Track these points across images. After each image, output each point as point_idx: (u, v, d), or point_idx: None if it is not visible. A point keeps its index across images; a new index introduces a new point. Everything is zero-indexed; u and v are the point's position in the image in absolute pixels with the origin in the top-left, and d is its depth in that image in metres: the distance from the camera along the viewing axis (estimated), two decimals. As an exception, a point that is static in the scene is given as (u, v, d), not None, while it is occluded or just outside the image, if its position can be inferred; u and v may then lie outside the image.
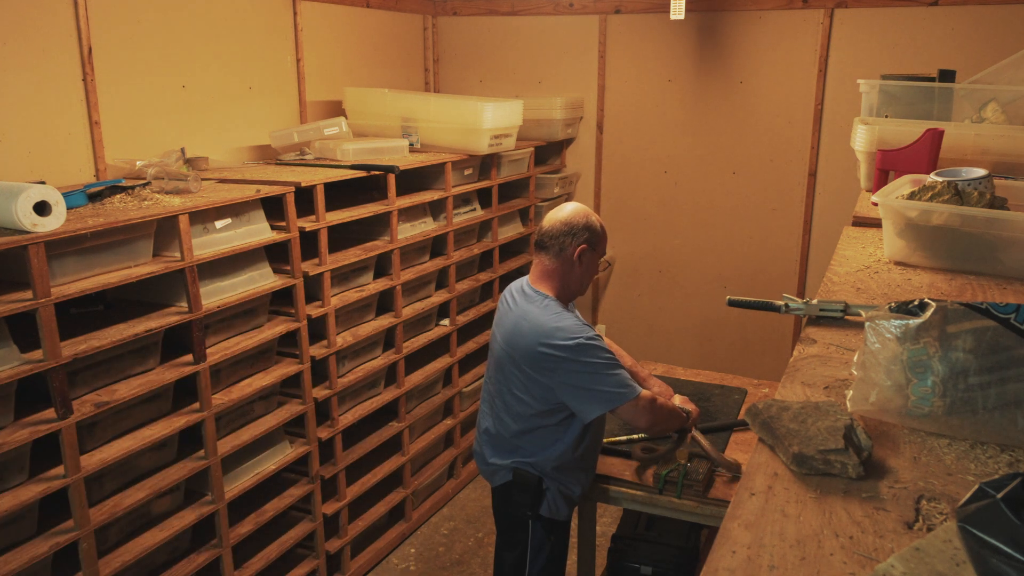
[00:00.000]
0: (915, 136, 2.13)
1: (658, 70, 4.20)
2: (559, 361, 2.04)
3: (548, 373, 2.07)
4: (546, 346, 2.04)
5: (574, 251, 2.14)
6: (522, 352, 2.10)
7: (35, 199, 1.85)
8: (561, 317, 2.09)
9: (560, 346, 2.03)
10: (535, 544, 2.26)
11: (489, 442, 2.29)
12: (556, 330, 2.05)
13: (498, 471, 2.26)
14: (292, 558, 2.93)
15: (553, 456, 2.18)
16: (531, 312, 2.12)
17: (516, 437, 2.21)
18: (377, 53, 4.14)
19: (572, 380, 2.05)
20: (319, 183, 2.71)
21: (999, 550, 0.59)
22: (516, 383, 2.15)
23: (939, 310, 0.94)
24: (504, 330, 2.18)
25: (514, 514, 2.26)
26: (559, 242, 2.15)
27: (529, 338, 2.08)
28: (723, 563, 0.74)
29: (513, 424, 2.20)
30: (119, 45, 2.75)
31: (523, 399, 2.15)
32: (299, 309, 2.71)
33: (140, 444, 2.17)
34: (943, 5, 3.56)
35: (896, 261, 1.70)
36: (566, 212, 2.18)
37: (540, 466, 2.20)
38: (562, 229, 2.15)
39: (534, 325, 2.08)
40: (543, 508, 2.23)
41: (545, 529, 2.26)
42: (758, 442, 0.98)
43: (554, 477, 2.21)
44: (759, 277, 4.21)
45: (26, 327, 1.96)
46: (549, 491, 2.22)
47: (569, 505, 2.27)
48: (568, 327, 2.05)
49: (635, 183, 4.40)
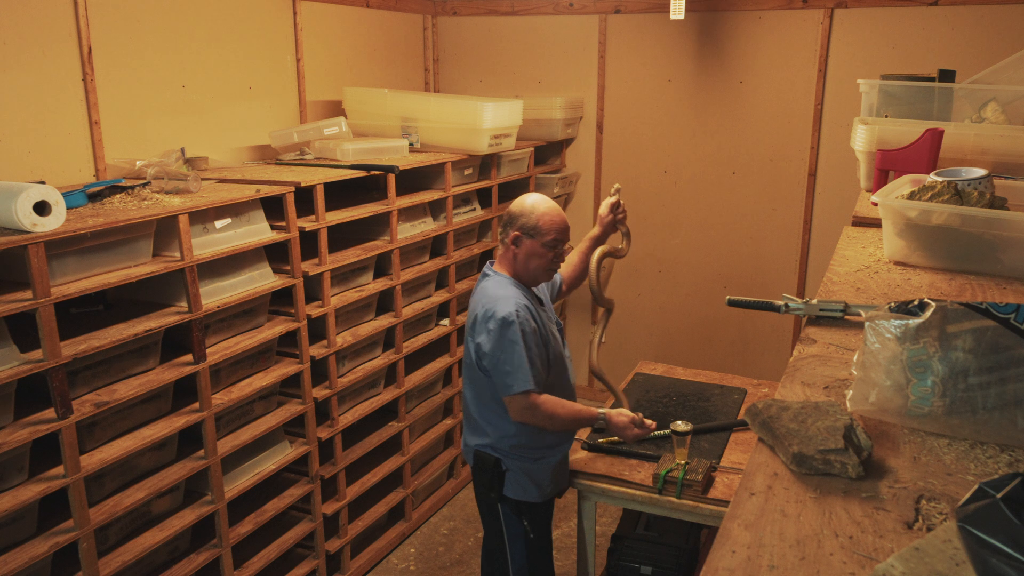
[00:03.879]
0: (915, 136, 2.13)
1: (658, 70, 4.20)
2: (484, 331, 2.16)
3: (477, 338, 2.18)
4: (480, 314, 2.19)
5: (510, 237, 2.27)
6: (470, 321, 2.24)
7: (35, 199, 1.85)
8: (503, 291, 2.21)
9: (489, 314, 2.16)
10: (510, 529, 2.29)
11: (464, 425, 2.37)
12: (493, 300, 2.18)
13: (468, 453, 2.33)
14: (292, 558, 2.93)
15: (508, 434, 2.23)
16: (482, 285, 2.28)
17: (476, 414, 2.28)
18: (377, 53, 4.14)
19: (488, 350, 2.15)
20: (319, 183, 2.71)
21: (999, 550, 0.59)
22: (469, 355, 2.25)
23: (939, 310, 0.94)
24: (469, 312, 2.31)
25: (483, 498, 2.31)
26: (504, 231, 2.31)
27: (474, 307, 2.24)
28: (723, 563, 0.74)
29: (471, 400, 2.29)
30: (119, 45, 2.75)
31: (475, 371, 2.23)
32: (299, 309, 2.71)
33: (140, 444, 2.17)
34: (943, 5, 3.56)
35: (896, 261, 1.70)
36: (516, 201, 2.33)
37: (497, 446, 2.25)
38: (505, 219, 2.31)
39: (480, 296, 2.25)
40: (507, 490, 2.25)
41: (515, 512, 2.27)
42: (758, 442, 0.98)
43: (514, 456, 2.24)
44: (759, 277, 4.21)
45: (26, 327, 1.96)
46: (511, 472, 2.24)
47: (539, 486, 2.26)
48: (507, 300, 2.17)
49: (635, 183, 4.40)
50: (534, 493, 2.26)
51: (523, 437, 2.22)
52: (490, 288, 2.24)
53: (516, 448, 2.23)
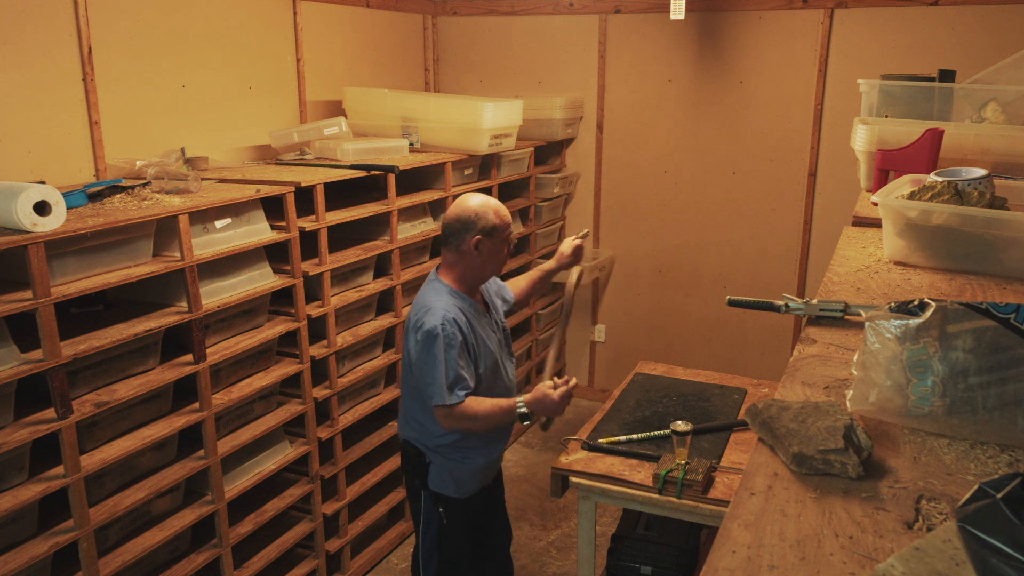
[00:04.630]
0: (915, 136, 2.13)
1: (658, 70, 4.20)
2: (413, 339, 2.19)
3: (409, 343, 2.22)
4: (413, 321, 2.21)
5: (469, 241, 2.23)
6: (407, 325, 2.25)
7: (35, 199, 1.85)
8: (436, 301, 2.20)
9: (418, 324, 2.17)
10: (425, 516, 2.34)
11: (400, 414, 2.41)
12: (424, 310, 2.19)
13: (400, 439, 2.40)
14: (292, 558, 2.93)
15: (435, 434, 2.27)
16: (422, 293, 2.28)
17: (408, 407, 2.33)
18: (377, 53, 4.14)
19: (414, 359, 2.19)
20: (319, 183, 2.71)
21: (999, 550, 0.59)
22: (405, 357, 2.27)
23: (939, 310, 0.94)
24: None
25: (409, 484, 2.39)
26: (457, 238, 2.24)
27: (411, 313, 2.25)
28: (723, 563, 0.74)
29: (405, 394, 2.34)
30: (119, 45, 2.75)
31: (407, 372, 2.27)
32: (299, 309, 2.71)
33: (140, 444, 2.17)
34: (943, 5, 3.56)
35: (896, 261, 1.69)
36: (459, 207, 2.26)
37: (423, 442, 2.30)
38: (456, 226, 2.24)
39: (417, 303, 2.25)
40: (431, 482, 2.31)
41: (433, 501, 2.33)
42: (758, 442, 0.98)
43: (438, 453, 2.29)
44: (759, 277, 4.21)
45: (26, 327, 1.96)
46: (433, 465, 2.30)
47: (457, 483, 2.30)
48: (435, 311, 2.17)
49: (635, 183, 4.40)
50: (451, 488, 2.31)
51: (448, 438, 2.27)
52: (426, 296, 2.24)
53: (440, 447, 2.29)
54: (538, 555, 3.37)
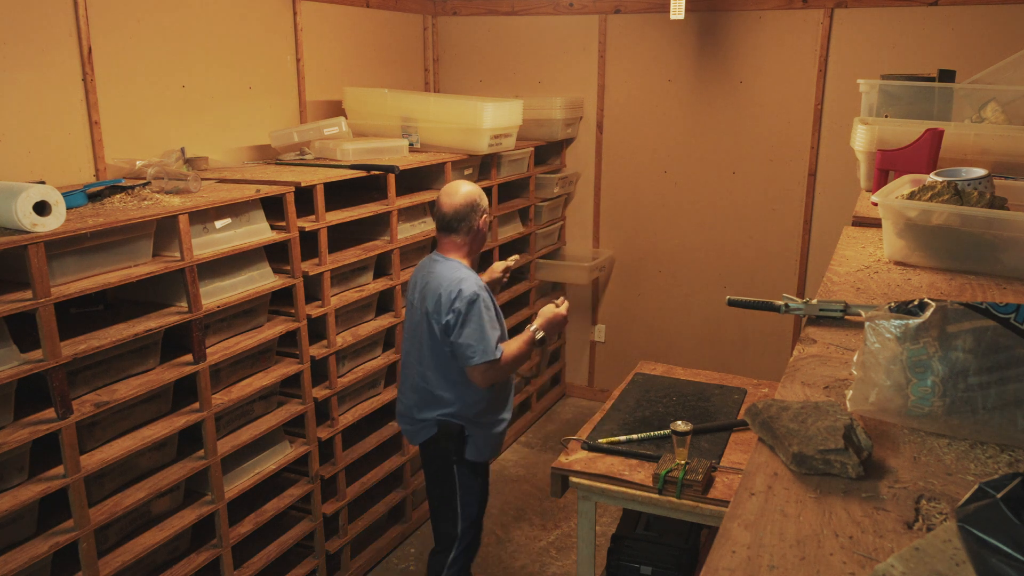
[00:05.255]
0: (915, 136, 2.13)
1: (658, 70, 4.20)
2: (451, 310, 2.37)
3: (450, 317, 2.38)
4: (449, 293, 2.39)
5: (478, 222, 2.51)
6: (433, 303, 2.42)
7: (35, 199, 1.85)
8: (463, 273, 2.44)
9: (456, 295, 2.37)
10: (464, 487, 2.56)
11: (417, 402, 2.53)
12: (456, 282, 2.40)
13: (424, 427, 2.53)
14: (292, 558, 2.93)
15: (472, 402, 2.48)
16: (441, 271, 2.46)
17: (439, 389, 2.48)
18: (377, 53, 4.14)
19: (456, 327, 2.37)
20: (319, 183, 2.71)
21: (999, 550, 0.59)
22: (431, 336, 2.45)
23: (939, 310, 0.93)
24: (419, 294, 2.51)
25: (441, 462, 2.54)
26: (467, 222, 2.49)
27: (437, 289, 2.42)
28: (723, 563, 0.74)
29: (435, 377, 2.48)
30: (119, 45, 2.75)
31: (438, 349, 2.44)
32: (299, 309, 2.71)
33: (140, 444, 2.17)
34: (943, 5, 3.56)
35: (896, 261, 1.69)
36: (462, 194, 2.49)
37: (462, 415, 2.48)
38: (464, 210, 2.48)
39: (441, 279, 2.43)
40: (468, 453, 2.52)
41: (472, 472, 2.56)
42: (758, 442, 0.98)
43: (476, 423, 2.51)
44: (759, 277, 4.21)
45: (26, 327, 1.96)
46: (472, 436, 2.51)
47: (492, 448, 2.59)
48: (468, 281, 2.41)
49: (635, 183, 4.40)
50: (486, 453, 2.57)
51: (484, 403, 2.50)
52: (448, 272, 2.43)
53: (478, 416, 2.50)
54: (538, 555, 3.37)
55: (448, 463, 2.53)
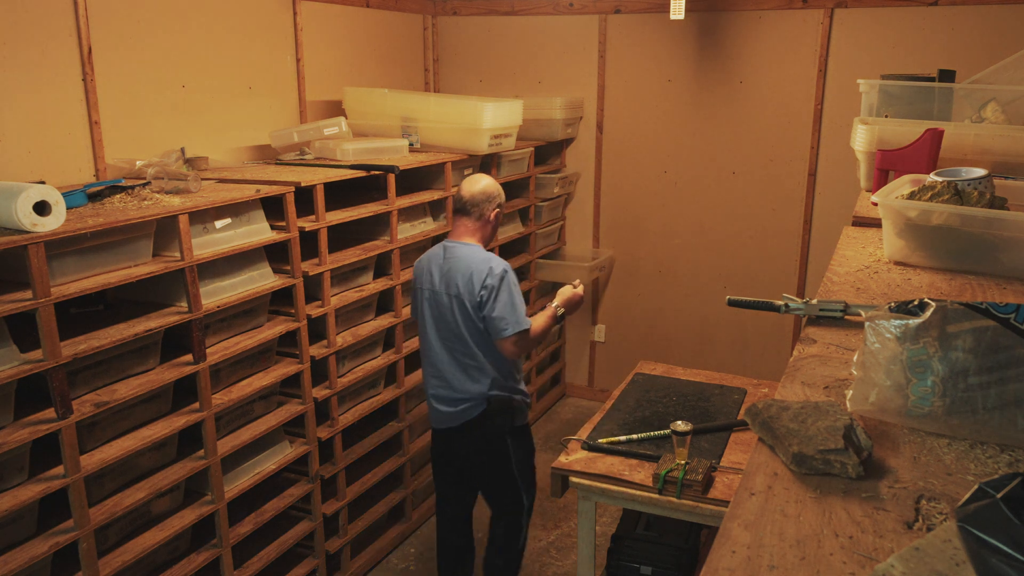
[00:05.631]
0: (915, 136, 2.12)
1: (658, 70, 4.20)
2: (484, 286, 2.51)
3: (483, 293, 2.52)
4: (480, 272, 2.52)
5: (491, 214, 2.67)
6: (464, 284, 2.54)
7: (35, 199, 1.85)
8: (489, 254, 2.62)
9: (488, 273, 2.52)
10: (519, 453, 2.69)
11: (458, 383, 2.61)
12: (486, 261, 2.56)
13: (471, 405, 2.61)
14: (292, 558, 2.93)
15: (507, 373, 2.64)
16: (465, 255, 2.58)
17: (489, 364, 2.60)
18: (377, 53, 4.14)
19: (491, 302, 2.51)
20: (319, 183, 2.71)
21: (999, 550, 0.59)
22: (465, 317, 2.55)
23: (939, 310, 0.93)
24: (442, 281, 2.59)
25: (492, 436, 2.64)
26: (479, 208, 2.65)
27: (467, 271, 2.54)
28: (723, 563, 0.74)
29: (476, 355, 2.59)
30: (119, 45, 2.75)
31: (475, 328, 2.56)
32: (299, 309, 2.71)
33: (140, 444, 2.17)
34: (943, 5, 3.56)
35: (896, 261, 1.69)
36: (483, 183, 2.67)
37: (504, 386, 2.63)
38: (481, 198, 2.65)
39: (470, 262, 2.56)
40: (516, 420, 2.67)
41: (522, 435, 2.73)
42: (758, 442, 0.98)
43: (517, 392, 2.69)
44: (759, 277, 4.21)
45: (26, 327, 1.96)
46: (517, 405, 2.68)
47: (527, 412, 2.75)
48: (496, 260, 2.58)
49: (635, 183, 4.40)
50: (526, 417, 2.73)
51: (516, 376, 2.68)
52: (472, 254, 2.58)
53: (516, 387, 2.68)
54: (538, 555, 3.37)
55: (501, 435, 2.64)
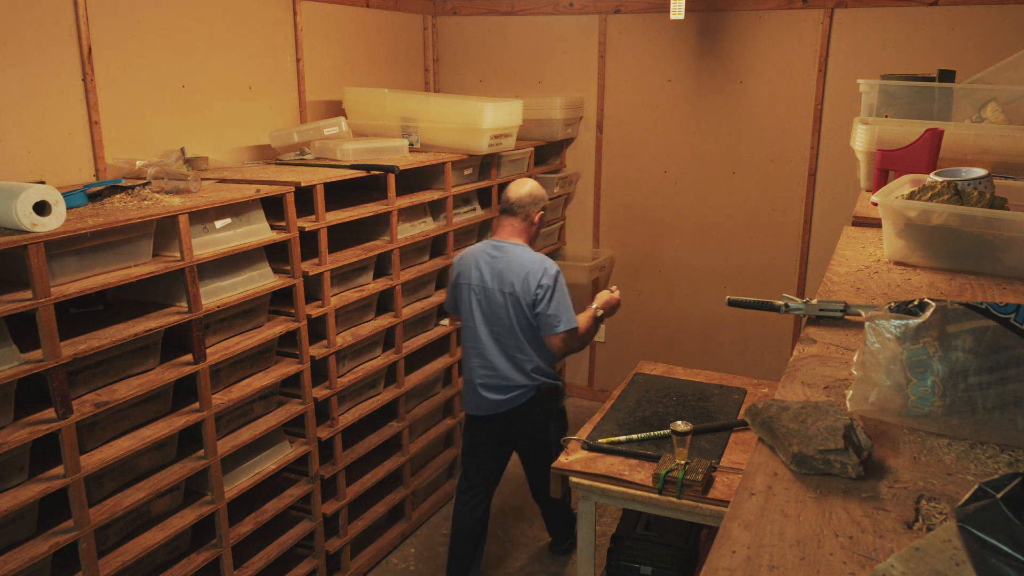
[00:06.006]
0: (915, 136, 2.12)
1: (658, 70, 4.20)
2: (539, 285, 2.73)
3: (538, 292, 2.73)
4: (535, 273, 2.74)
5: (536, 216, 2.89)
6: (520, 283, 2.75)
7: (35, 199, 1.85)
8: (541, 256, 2.82)
9: (543, 273, 2.74)
10: (557, 434, 2.90)
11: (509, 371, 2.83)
12: (540, 262, 2.78)
13: (521, 392, 2.85)
14: (292, 558, 2.93)
15: (551, 362, 2.90)
16: (518, 256, 2.80)
17: (532, 356, 2.83)
18: (377, 53, 4.14)
19: (545, 300, 2.73)
20: (319, 183, 2.71)
21: (999, 550, 0.59)
22: (519, 313, 2.78)
23: (939, 310, 0.93)
24: (492, 277, 2.80)
25: (537, 419, 2.89)
26: (525, 209, 2.87)
27: (521, 271, 2.76)
28: (723, 563, 0.74)
29: (527, 347, 2.81)
30: (119, 45, 2.75)
31: (527, 323, 2.78)
32: (299, 309, 2.71)
33: (140, 444, 2.17)
34: (943, 5, 3.56)
35: (896, 261, 1.69)
36: (529, 186, 2.89)
37: (550, 374, 2.89)
38: (527, 199, 2.86)
39: (523, 262, 2.78)
40: (559, 404, 2.96)
41: (562, 420, 3.01)
42: (758, 442, 0.98)
43: (557, 378, 2.94)
44: (759, 277, 4.21)
45: (26, 327, 1.96)
46: (560, 391, 2.96)
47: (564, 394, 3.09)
48: (548, 261, 2.80)
49: (635, 183, 4.40)
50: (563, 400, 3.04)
51: (556, 361, 2.95)
52: (525, 254, 2.81)
53: (556, 370, 2.96)
54: (538, 555, 3.37)
55: (545, 418, 2.90)
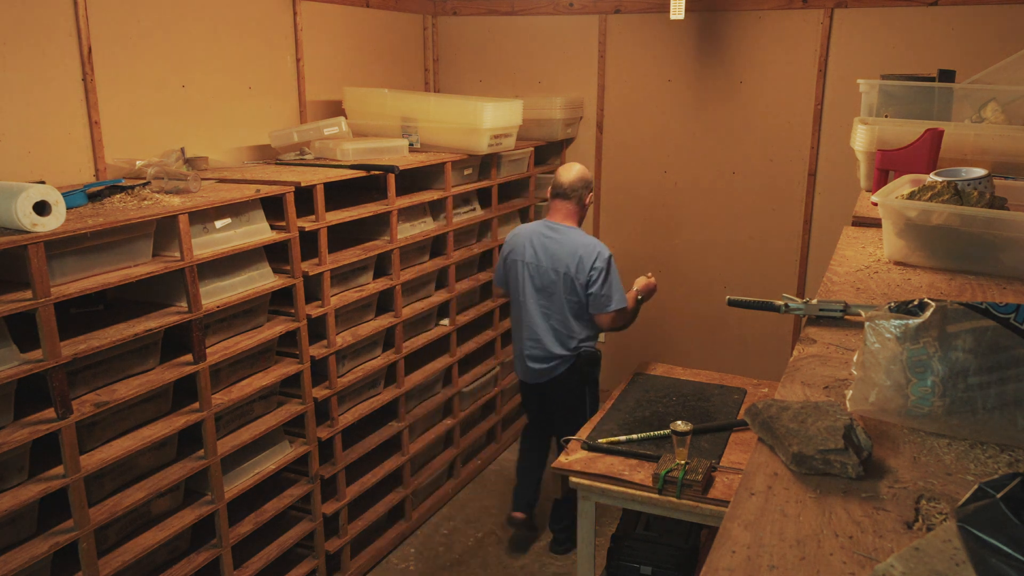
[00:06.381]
0: (915, 136, 2.12)
1: (658, 70, 4.20)
2: (593, 267, 2.98)
3: (592, 273, 2.98)
4: (590, 256, 2.99)
5: (587, 198, 3.13)
6: (574, 263, 3.00)
7: (35, 199, 1.85)
8: (594, 239, 3.08)
9: (597, 255, 3.00)
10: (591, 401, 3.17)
11: (555, 342, 3.09)
12: (594, 245, 3.03)
13: (564, 360, 3.11)
14: (292, 558, 2.93)
15: (594, 336, 3.17)
16: (572, 238, 3.05)
17: (577, 329, 3.09)
18: (377, 53, 4.14)
19: (599, 281, 2.98)
20: (319, 183, 2.71)
21: (999, 550, 0.59)
22: (570, 290, 3.03)
23: (939, 310, 0.93)
24: (546, 257, 3.06)
25: (574, 386, 3.15)
26: (578, 193, 3.09)
27: (576, 252, 3.01)
28: (723, 563, 0.74)
29: (573, 320, 3.07)
30: (119, 45, 2.75)
31: (577, 298, 3.03)
32: (299, 309, 2.71)
33: (140, 444, 2.17)
34: (943, 5, 3.56)
35: (896, 261, 1.69)
36: (577, 170, 3.11)
37: (592, 344, 3.15)
38: (579, 183, 3.09)
39: (577, 244, 3.03)
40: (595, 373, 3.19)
41: (596, 387, 3.24)
42: (758, 442, 0.98)
43: (596, 350, 3.17)
44: (759, 277, 4.21)
45: (26, 327, 1.96)
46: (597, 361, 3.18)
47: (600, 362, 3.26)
48: (601, 244, 3.05)
49: (635, 183, 4.40)
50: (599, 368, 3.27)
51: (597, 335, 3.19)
52: (579, 237, 3.05)
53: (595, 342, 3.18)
54: (538, 555, 3.37)
55: (582, 386, 3.15)
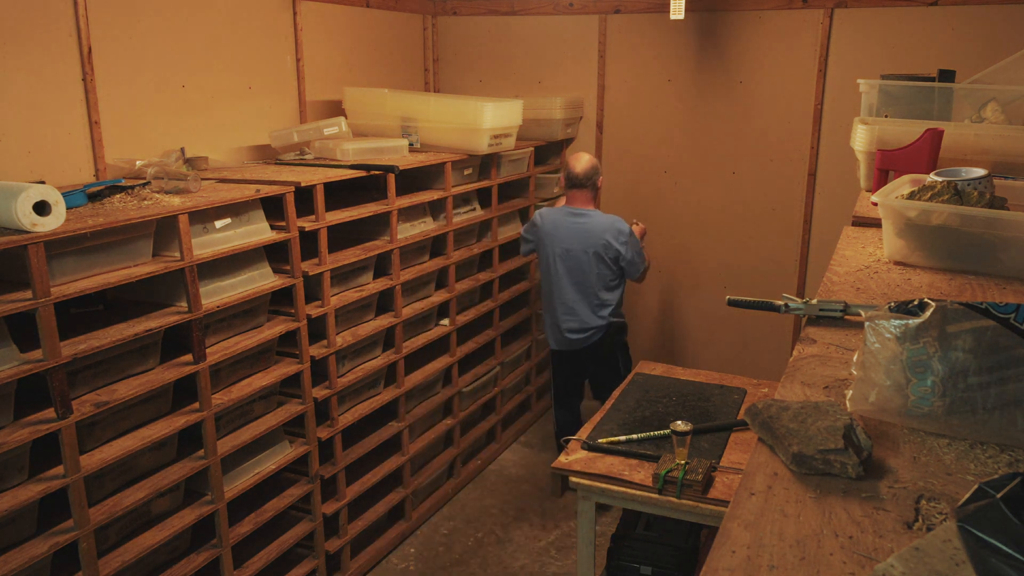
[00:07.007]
0: (915, 136, 2.12)
1: (658, 70, 4.20)
2: (620, 242, 3.36)
3: (620, 248, 3.36)
4: (616, 232, 3.37)
5: (599, 182, 3.51)
6: (602, 243, 3.36)
7: (35, 199, 1.85)
8: (613, 217, 3.42)
9: (625, 232, 3.39)
10: (624, 361, 3.60)
11: (591, 313, 3.45)
12: (615, 221, 3.40)
13: (599, 329, 3.46)
14: (292, 558, 2.93)
15: (620, 303, 3.52)
16: (597, 220, 3.41)
17: (607, 300, 3.44)
18: (377, 53, 4.14)
19: (628, 254, 3.38)
20: (319, 183, 2.71)
21: (999, 550, 0.59)
22: (602, 266, 3.39)
23: (939, 310, 0.93)
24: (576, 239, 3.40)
25: (607, 350, 3.52)
26: (592, 180, 3.45)
27: (602, 233, 3.37)
28: (723, 563, 0.74)
29: (606, 293, 3.44)
30: (119, 45, 2.75)
31: (609, 273, 3.41)
32: (299, 309, 2.71)
33: (140, 444, 2.17)
34: (943, 5, 3.56)
35: (896, 261, 1.69)
36: (587, 159, 3.46)
37: (619, 312, 3.52)
38: (592, 172, 3.44)
39: (602, 225, 3.39)
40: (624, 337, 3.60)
41: (626, 348, 3.64)
42: (758, 442, 0.98)
43: (623, 316, 3.56)
44: (759, 277, 4.21)
45: (26, 327, 1.96)
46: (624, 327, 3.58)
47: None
48: (620, 222, 3.41)
49: (635, 183, 4.40)
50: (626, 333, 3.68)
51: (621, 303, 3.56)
52: (602, 218, 3.41)
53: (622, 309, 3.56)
54: (538, 555, 3.38)
55: (614, 349, 3.54)
